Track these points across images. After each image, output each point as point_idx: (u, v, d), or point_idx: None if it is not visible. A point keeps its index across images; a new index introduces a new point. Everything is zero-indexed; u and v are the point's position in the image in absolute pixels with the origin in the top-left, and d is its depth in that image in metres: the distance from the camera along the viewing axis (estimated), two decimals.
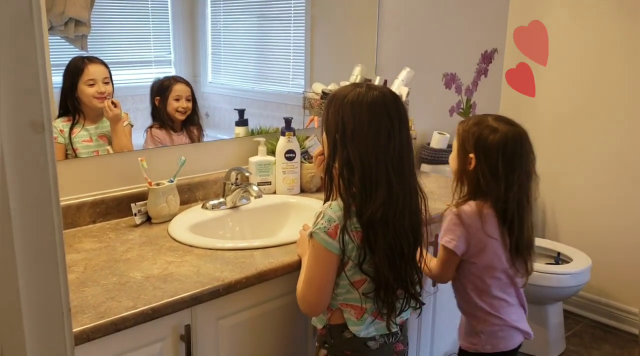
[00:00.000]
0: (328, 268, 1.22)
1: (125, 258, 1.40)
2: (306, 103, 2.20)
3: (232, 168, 1.79)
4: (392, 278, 1.23)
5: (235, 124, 2.04)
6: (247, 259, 1.41)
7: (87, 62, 1.67)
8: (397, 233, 1.22)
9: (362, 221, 1.20)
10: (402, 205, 1.22)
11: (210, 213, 1.74)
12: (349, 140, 1.19)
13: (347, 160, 1.20)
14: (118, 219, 1.67)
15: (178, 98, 1.88)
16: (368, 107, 1.19)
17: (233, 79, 2.21)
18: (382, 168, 1.19)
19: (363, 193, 1.19)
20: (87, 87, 1.67)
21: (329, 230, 1.20)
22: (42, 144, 0.67)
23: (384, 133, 1.19)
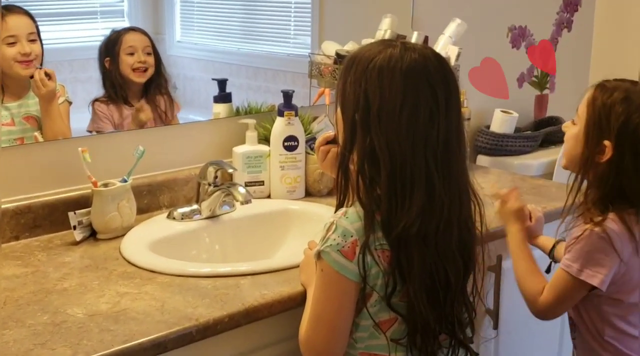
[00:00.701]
0: (342, 301, 1.23)
1: (60, 289, 1.41)
2: (314, 70, 2.21)
3: (210, 163, 1.81)
4: (432, 317, 1.24)
5: (213, 100, 2.06)
6: (230, 290, 1.42)
7: (4, 12, 1.69)
8: (440, 255, 1.23)
9: (390, 237, 1.20)
10: (447, 214, 1.22)
11: (179, 225, 1.75)
12: (373, 122, 1.20)
13: (370, 151, 1.20)
14: (50, 234, 1.68)
15: (132, 52, 1.90)
16: (403, 76, 1.19)
17: (211, 36, 2.22)
18: (421, 163, 1.19)
19: (392, 197, 1.20)
20: (5, 47, 1.69)
21: (343, 248, 1.21)
22: None
23: (424, 113, 1.19)
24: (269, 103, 2.12)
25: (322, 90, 2.20)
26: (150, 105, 1.94)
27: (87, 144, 1.69)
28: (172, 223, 1.76)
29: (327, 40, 2.23)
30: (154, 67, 1.94)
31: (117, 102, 1.90)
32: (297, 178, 1.98)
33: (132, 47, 1.90)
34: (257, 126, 1.99)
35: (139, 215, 1.76)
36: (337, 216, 1.24)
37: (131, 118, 1.90)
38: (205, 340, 1.30)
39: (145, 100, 1.93)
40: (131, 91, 1.92)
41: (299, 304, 1.39)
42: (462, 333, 1.30)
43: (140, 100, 1.93)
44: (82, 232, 1.66)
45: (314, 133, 2.05)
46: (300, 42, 2.34)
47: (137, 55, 1.90)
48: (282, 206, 1.92)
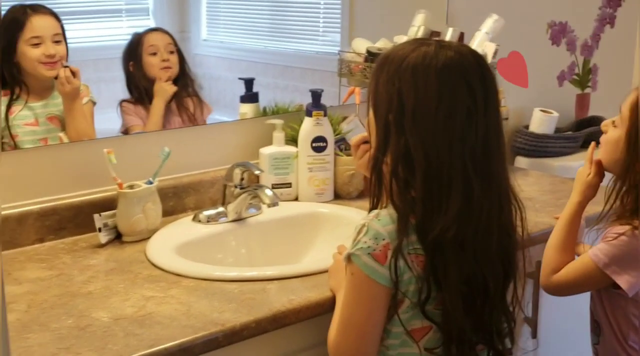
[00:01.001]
0: (373, 306, 1.24)
1: (85, 292, 1.45)
2: (343, 68, 2.22)
3: (236, 164, 1.83)
4: (469, 326, 1.24)
5: (240, 100, 2.08)
6: (257, 294, 1.44)
7: (30, 12, 1.73)
8: (478, 261, 1.22)
9: (425, 241, 1.21)
10: (486, 218, 1.22)
11: (205, 228, 1.78)
12: (408, 123, 1.20)
13: (405, 151, 1.20)
14: (75, 236, 1.72)
15: (154, 52, 1.93)
16: (437, 74, 1.19)
17: (237, 35, 2.24)
18: (458, 164, 1.19)
19: (427, 199, 1.20)
20: (30, 48, 1.73)
21: (375, 251, 1.21)
22: None
23: (460, 112, 1.19)
24: (297, 103, 2.13)
25: (352, 89, 2.21)
26: (179, 107, 1.97)
27: (112, 145, 1.72)
28: (197, 226, 1.78)
29: (358, 37, 2.24)
30: (178, 66, 1.97)
31: (145, 104, 1.93)
32: (326, 180, 2.00)
33: (153, 46, 1.93)
34: (285, 126, 2.00)
35: (164, 218, 1.78)
36: (368, 218, 1.24)
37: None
38: (231, 346, 1.32)
39: (174, 102, 1.96)
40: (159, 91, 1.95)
41: (327, 310, 1.40)
42: (500, 343, 1.29)
43: (171, 102, 1.96)
44: (108, 234, 1.69)
45: (343, 134, 2.06)
46: (330, 39, 2.35)
47: (160, 54, 1.94)
48: (310, 209, 1.94)
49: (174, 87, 1.95)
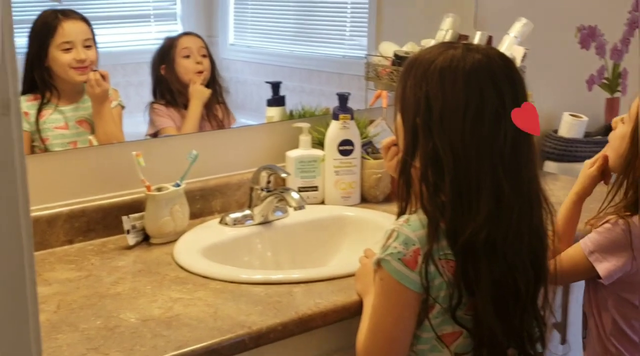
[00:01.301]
0: (402, 312, 1.23)
1: (113, 293, 1.46)
2: (370, 72, 2.22)
3: (263, 167, 1.84)
4: (500, 330, 1.23)
5: (267, 103, 2.09)
6: (283, 298, 1.44)
7: (61, 17, 1.76)
8: (509, 265, 1.22)
9: (456, 245, 1.20)
10: (517, 222, 1.21)
11: (231, 230, 1.79)
12: (436, 126, 1.20)
13: (434, 155, 1.20)
14: (104, 238, 1.74)
15: (188, 55, 1.95)
16: (466, 77, 1.19)
17: (264, 39, 2.25)
18: (487, 167, 1.19)
19: (457, 203, 1.20)
20: (61, 53, 1.75)
21: (405, 256, 1.20)
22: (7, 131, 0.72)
23: (489, 114, 1.19)
24: (324, 107, 2.13)
25: (378, 92, 2.21)
26: (208, 113, 1.98)
27: (141, 148, 1.73)
28: (224, 228, 1.79)
29: (385, 41, 2.24)
30: (210, 71, 1.98)
31: (176, 107, 1.95)
32: (352, 183, 2.00)
33: (187, 49, 1.95)
34: (311, 130, 2.01)
35: (191, 220, 1.80)
36: (398, 223, 1.24)
37: None
38: (258, 348, 1.32)
39: (205, 110, 1.97)
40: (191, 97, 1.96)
41: (354, 314, 1.40)
42: (532, 348, 1.28)
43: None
44: (135, 236, 1.71)
45: (370, 137, 2.06)
46: (356, 43, 2.35)
47: (194, 57, 1.95)
48: (336, 212, 1.94)
49: (209, 90, 1.96)
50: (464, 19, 2.27)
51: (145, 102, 1.94)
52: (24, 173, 0.73)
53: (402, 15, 2.36)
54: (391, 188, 2.03)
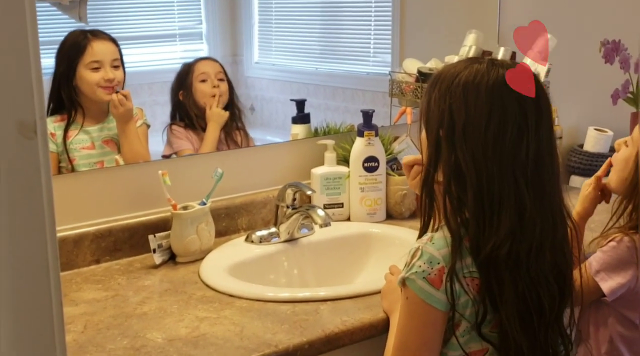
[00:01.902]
0: (429, 331, 1.22)
1: (140, 313, 1.46)
2: (395, 88, 2.22)
3: (288, 185, 1.83)
4: (525, 346, 1.22)
5: (292, 121, 2.09)
6: (310, 316, 1.43)
7: (90, 37, 1.77)
8: (532, 279, 1.21)
9: (479, 258, 1.19)
10: (540, 236, 1.21)
11: (257, 248, 1.78)
12: (459, 139, 1.20)
13: (456, 169, 1.20)
14: (130, 257, 1.74)
15: (204, 79, 1.94)
16: (488, 91, 1.19)
17: (289, 57, 2.26)
18: (509, 181, 1.18)
19: (480, 217, 1.19)
20: (90, 72, 1.77)
21: (429, 275, 1.19)
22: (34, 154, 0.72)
23: (512, 129, 1.19)
24: (348, 124, 2.13)
25: (403, 109, 2.20)
26: (228, 138, 1.98)
27: (166, 167, 1.74)
28: (250, 246, 1.78)
29: (409, 57, 2.23)
30: (228, 94, 1.98)
31: (195, 130, 1.95)
32: (378, 200, 1.98)
33: (204, 73, 1.95)
34: (336, 147, 2.00)
35: (217, 238, 1.79)
36: (422, 241, 1.23)
37: None
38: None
39: (222, 131, 1.97)
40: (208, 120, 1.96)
41: (381, 332, 1.39)
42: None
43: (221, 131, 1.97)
44: (162, 255, 1.70)
45: (395, 154, 2.05)
46: (380, 60, 2.35)
47: (211, 80, 1.95)
48: (362, 229, 1.93)
49: (227, 113, 1.96)
50: (487, 34, 2.27)
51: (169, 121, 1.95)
52: (50, 195, 0.73)
53: (425, 32, 2.36)
54: (416, 205, 2.01)
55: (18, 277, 0.73)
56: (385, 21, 2.31)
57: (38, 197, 0.73)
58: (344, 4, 2.29)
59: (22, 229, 0.73)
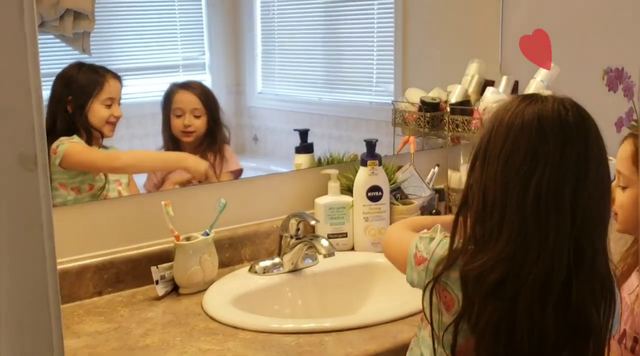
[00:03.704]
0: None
1: (143, 346, 1.44)
2: (398, 118, 2.22)
3: (292, 215, 1.83)
4: None
5: (295, 151, 2.09)
6: (314, 347, 1.41)
7: (109, 76, 1.79)
8: (521, 319, 1.17)
9: (465, 276, 1.18)
10: (544, 275, 1.16)
11: (261, 279, 1.77)
12: (480, 162, 1.23)
13: (469, 188, 1.23)
14: (133, 289, 1.72)
15: (180, 114, 1.92)
16: (508, 119, 1.21)
17: (292, 87, 2.26)
18: (512, 207, 1.17)
19: (479, 236, 1.20)
20: (103, 108, 1.78)
21: (417, 253, 1.25)
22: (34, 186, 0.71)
23: (524, 155, 1.18)
24: (352, 153, 2.13)
25: (406, 138, 2.20)
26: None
27: (169, 198, 1.73)
28: (253, 277, 1.77)
29: (411, 87, 2.24)
30: (205, 127, 1.94)
31: None
32: (382, 229, 1.97)
33: (179, 108, 1.93)
34: (340, 176, 2.00)
35: (220, 269, 1.78)
36: (443, 234, 1.27)
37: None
38: None
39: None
40: (184, 148, 1.95)
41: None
42: None
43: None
44: (165, 286, 1.69)
45: (399, 183, 2.04)
46: (383, 89, 2.36)
47: (185, 118, 1.93)
48: (366, 259, 1.91)
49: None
50: (489, 64, 2.28)
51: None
52: (50, 227, 0.72)
53: (428, 62, 2.37)
54: None
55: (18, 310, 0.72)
56: (387, 51, 2.31)
57: (38, 228, 0.72)
58: (347, 34, 2.30)
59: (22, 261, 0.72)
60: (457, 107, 2.13)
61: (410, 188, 2.06)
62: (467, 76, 2.23)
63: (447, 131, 2.14)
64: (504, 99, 2.06)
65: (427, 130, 2.16)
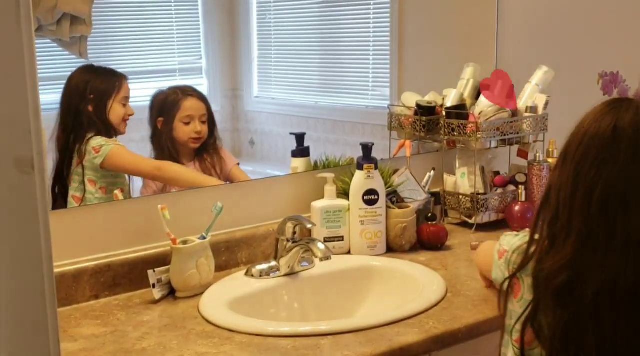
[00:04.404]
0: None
1: (139, 349, 1.44)
2: (394, 122, 2.22)
3: (288, 218, 1.83)
4: None
5: (291, 155, 2.09)
6: (310, 351, 1.42)
7: (122, 78, 1.86)
8: (599, 319, 1.17)
9: (535, 277, 1.24)
10: (612, 280, 1.17)
11: (257, 282, 1.77)
12: (560, 162, 1.27)
13: (549, 187, 1.28)
14: (130, 292, 1.72)
15: (189, 122, 1.93)
16: (587, 124, 1.25)
17: (288, 91, 2.27)
18: (582, 210, 1.20)
19: (550, 237, 1.25)
20: (120, 107, 1.82)
21: (500, 247, 1.42)
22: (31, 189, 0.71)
23: (593, 158, 1.21)
24: (348, 157, 2.13)
25: (402, 142, 2.20)
26: (201, 163, 1.97)
27: (166, 201, 1.73)
28: (250, 280, 1.77)
29: (407, 91, 2.24)
30: (207, 133, 1.96)
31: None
32: (378, 233, 1.97)
33: (190, 115, 1.94)
34: (336, 180, 2.00)
35: (217, 273, 1.78)
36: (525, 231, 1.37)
37: None
38: None
39: (197, 161, 1.96)
40: (182, 153, 1.95)
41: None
42: None
43: (194, 161, 1.97)
44: (161, 290, 1.69)
45: (395, 187, 2.04)
46: (379, 93, 2.36)
47: (194, 124, 1.94)
48: (362, 262, 1.91)
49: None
50: (484, 68, 2.28)
51: None
52: (47, 230, 0.73)
53: (424, 66, 2.37)
54: (417, 237, 2.01)
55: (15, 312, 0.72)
56: (383, 55, 2.32)
57: (35, 231, 0.72)
58: (343, 38, 2.31)
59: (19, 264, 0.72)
60: (452, 111, 2.14)
61: (407, 192, 2.07)
62: (462, 80, 2.23)
63: (443, 135, 2.15)
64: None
65: (423, 134, 2.16)
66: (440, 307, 1.60)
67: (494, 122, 2.10)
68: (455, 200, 2.17)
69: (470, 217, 2.15)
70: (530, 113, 2.18)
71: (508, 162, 2.33)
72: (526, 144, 2.24)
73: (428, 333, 1.48)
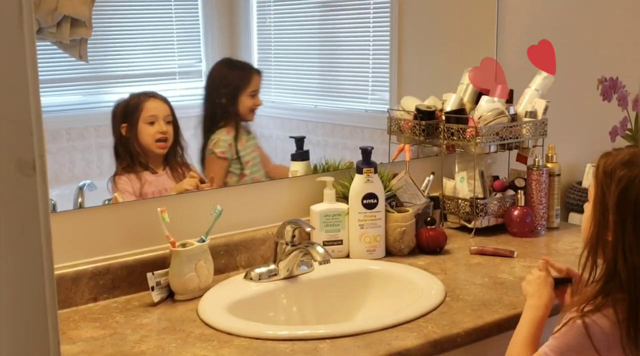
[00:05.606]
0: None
1: (138, 352, 1.44)
2: (393, 126, 2.23)
3: (287, 222, 1.83)
4: None
5: (290, 158, 2.09)
6: (309, 354, 1.42)
7: (255, 74, 2.07)
8: None
9: None
10: None
11: (256, 286, 1.77)
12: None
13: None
14: (128, 295, 1.72)
15: (153, 121, 1.88)
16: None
17: (288, 94, 2.27)
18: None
19: None
20: (248, 99, 2.04)
21: None
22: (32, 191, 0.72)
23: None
24: (347, 161, 2.13)
25: (401, 146, 2.21)
26: (173, 172, 1.93)
27: (165, 204, 1.73)
28: (249, 284, 1.77)
29: (407, 95, 2.25)
30: (173, 136, 1.92)
31: (136, 171, 1.89)
32: (377, 237, 1.98)
33: (153, 115, 1.89)
34: (335, 184, 2.00)
35: (216, 276, 1.78)
36: None
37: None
38: None
39: (168, 168, 1.93)
40: (151, 159, 1.91)
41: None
42: None
43: (165, 168, 1.93)
44: (160, 293, 1.69)
45: (394, 191, 2.05)
46: (379, 97, 2.36)
47: (158, 124, 1.89)
48: (361, 266, 1.92)
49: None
50: None
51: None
52: (48, 233, 0.73)
53: (423, 70, 2.38)
54: (416, 241, 2.01)
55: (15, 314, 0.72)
56: (383, 59, 2.32)
57: (36, 234, 0.72)
58: (343, 42, 2.31)
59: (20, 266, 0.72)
60: (452, 116, 2.14)
61: (406, 195, 2.07)
62: (462, 85, 2.24)
63: (442, 139, 2.15)
64: (498, 108, 2.07)
65: (422, 138, 2.17)
66: (439, 311, 1.61)
67: (494, 126, 2.10)
68: (454, 205, 2.17)
69: (469, 221, 2.15)
70: (530, 118, 2.18)
71: (507, 167, 2.34)
72: (525, 149, 2.24)
73: (427, 337, 1.48)
